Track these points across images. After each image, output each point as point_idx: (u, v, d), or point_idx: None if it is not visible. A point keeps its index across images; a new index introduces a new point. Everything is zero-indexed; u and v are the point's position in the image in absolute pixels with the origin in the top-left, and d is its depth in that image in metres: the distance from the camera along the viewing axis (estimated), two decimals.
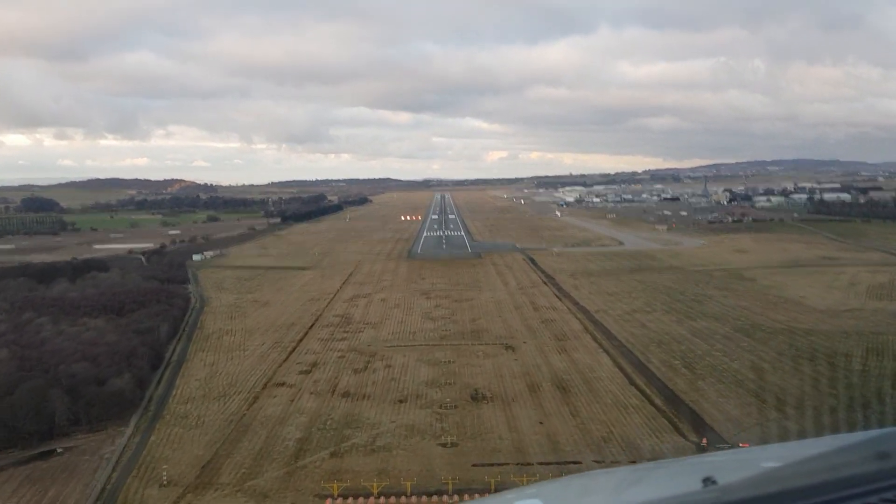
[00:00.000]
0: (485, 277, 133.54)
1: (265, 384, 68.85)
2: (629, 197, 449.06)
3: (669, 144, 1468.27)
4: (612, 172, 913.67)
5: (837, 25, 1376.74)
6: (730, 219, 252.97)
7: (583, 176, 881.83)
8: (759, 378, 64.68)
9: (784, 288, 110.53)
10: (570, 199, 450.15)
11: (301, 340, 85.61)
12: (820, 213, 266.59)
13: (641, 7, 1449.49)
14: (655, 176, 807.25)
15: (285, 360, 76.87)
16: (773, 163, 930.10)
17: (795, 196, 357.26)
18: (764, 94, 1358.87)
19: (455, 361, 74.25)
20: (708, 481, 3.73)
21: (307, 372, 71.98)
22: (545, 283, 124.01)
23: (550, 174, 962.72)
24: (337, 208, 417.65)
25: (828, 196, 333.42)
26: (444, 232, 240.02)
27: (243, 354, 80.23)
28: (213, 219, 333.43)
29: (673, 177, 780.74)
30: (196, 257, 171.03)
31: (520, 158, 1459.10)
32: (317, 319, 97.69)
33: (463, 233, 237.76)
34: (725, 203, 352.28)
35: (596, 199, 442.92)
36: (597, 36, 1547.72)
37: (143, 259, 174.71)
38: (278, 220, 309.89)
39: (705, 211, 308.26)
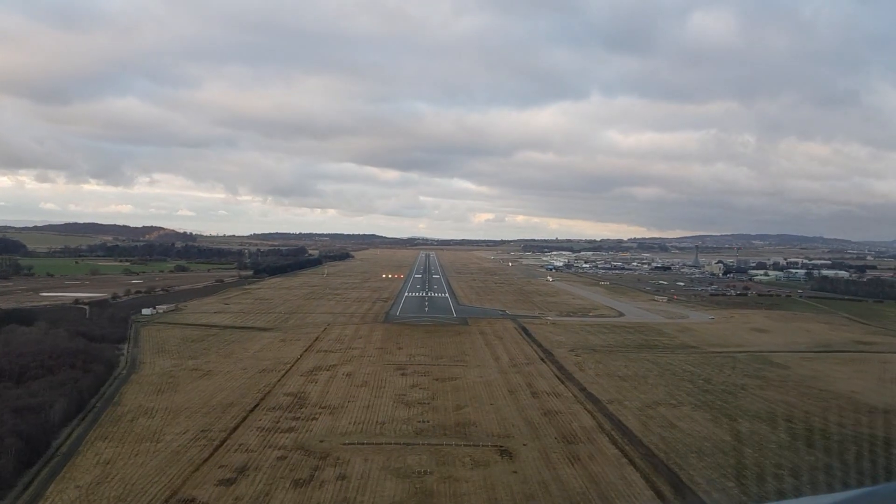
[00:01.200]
0: (472, 349, 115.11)
1: (167, 499, 49.41)
2: (619, 264, 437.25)
3: (654, 214, 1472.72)
4: (598, 239, 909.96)
5: (830, 103, 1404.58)
6: (732, 292, 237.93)
7: (569, 241, 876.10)
8: None
9: (827, 379, 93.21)
10: (559, 264, 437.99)
11: (235, 429, 66.30)
12: (824, 290, 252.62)
13: (634, 76, 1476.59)
14: (643, 245, 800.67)
15: (206, 460, 57.45)
16: (758, 236, 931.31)
17: (793, 271, 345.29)
18: (751, 167, 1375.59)
19: (433, 472, 55.27)
20: None
21: (229, 482, 52.54)
22: (542, 360, 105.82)
23: (536, 238, 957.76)
24: (316, 263, 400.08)
25: (826, 272, 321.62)
26: (427, 293, 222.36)
27: (154, 448, 60.72)
28: (181, 268, 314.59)
29: (660, 246, 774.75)
30: (146, 311, 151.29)
31: (506, 221, 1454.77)
32: (263, 398, 78.46)
33: (448, 295, 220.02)
34: (720, 275, 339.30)
35: (585, 265, 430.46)
36: (588, 102, 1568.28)
37: (87, 311, 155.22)
38: (250, 272, 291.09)
39: (702, 282, 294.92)
